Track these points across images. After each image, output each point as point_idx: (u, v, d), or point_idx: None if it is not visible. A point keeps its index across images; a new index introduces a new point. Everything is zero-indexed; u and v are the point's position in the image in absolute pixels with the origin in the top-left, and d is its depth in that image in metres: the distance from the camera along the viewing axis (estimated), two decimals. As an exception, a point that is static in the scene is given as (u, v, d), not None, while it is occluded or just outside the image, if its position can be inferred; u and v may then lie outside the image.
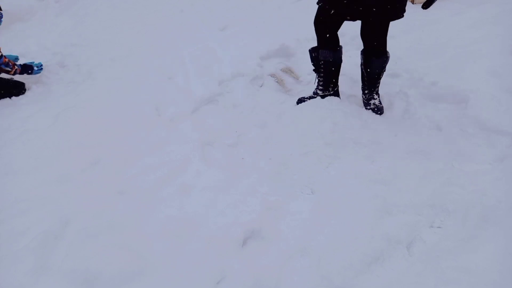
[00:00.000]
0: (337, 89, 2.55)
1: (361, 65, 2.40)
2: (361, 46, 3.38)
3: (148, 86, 2.96)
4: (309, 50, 2.49)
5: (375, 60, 2.28)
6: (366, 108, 2.46)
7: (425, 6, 2.10)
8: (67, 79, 3.26)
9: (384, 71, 2.37)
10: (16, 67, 2.97)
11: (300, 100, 2.57)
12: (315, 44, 2.47)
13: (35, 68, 3.08)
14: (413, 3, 4.30)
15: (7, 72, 2.96)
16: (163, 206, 1.79)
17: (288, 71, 3.17)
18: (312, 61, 2.51)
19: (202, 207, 1.78)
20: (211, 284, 1.44)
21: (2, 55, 2.88)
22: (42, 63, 3.20)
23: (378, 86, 2.43)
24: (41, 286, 1.44)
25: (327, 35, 2.29)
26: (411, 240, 1.56)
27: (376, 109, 2.41)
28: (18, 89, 2.95)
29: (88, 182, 1.97)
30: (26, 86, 3.03)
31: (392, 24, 2.22)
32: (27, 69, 3.03)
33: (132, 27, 4.41)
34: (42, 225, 1.68)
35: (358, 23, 2.28)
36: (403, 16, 2.13)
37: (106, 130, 2.41)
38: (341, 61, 2.44)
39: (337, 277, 1.44)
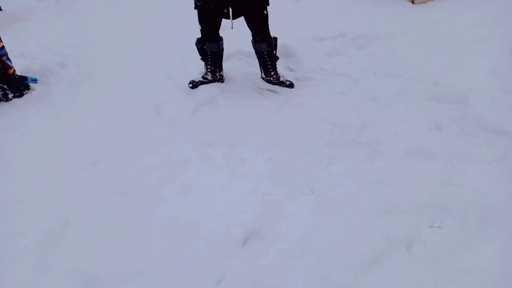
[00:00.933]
0: (222, 74, 2.96)
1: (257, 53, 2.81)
2: (362, 46, 3.37)
3: (148, 86, 2.96)
4: (195, 43, 2.80)
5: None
6: (281, 86, 2.87)
7: None
8: (67, 79, 3.27)
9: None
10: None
11: (192, 83, 2.88)
12: (315, 43, 2.49)
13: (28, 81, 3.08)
14: (413, 3, 4.30)
15: (8, 69, 2.94)
16: (163, 206, 1.79)
17: (289, 70, 3.17)
18: (199, 52, 2.85)
19: (202, 207, 1.78)
20: (211, 284, 1.44)
21: (3, 46, 2.89)
22: (37, 78, 3.16)
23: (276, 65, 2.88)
24: (41, 286, 1.44)
25: (213, 32, 2.70)
26: (411, 240, 1.56)
27: (287, 84, 2.85)
28: (24, 88, 2.95)
29: (88, 182, 1.97)
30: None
31: (392, 24, 2.22)
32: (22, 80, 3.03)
33: (132, 27, 4.41)
34: (42, 225, 1.68)
35: (360, 25, 2.26)
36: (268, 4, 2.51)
37: (106, 130, 2.41)
38: (223, 50, 2.85)
39: (337, 277, 1.43)
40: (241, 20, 2.63)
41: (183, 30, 4.22)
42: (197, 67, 3.21)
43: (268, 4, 2.54)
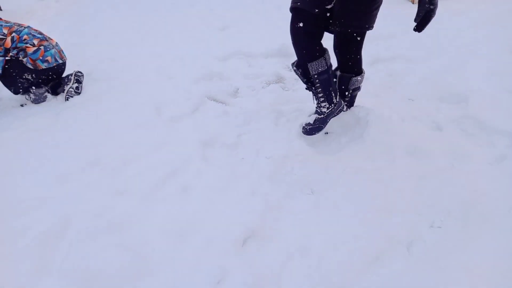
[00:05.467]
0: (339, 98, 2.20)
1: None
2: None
3: (148, 86, 2.96)
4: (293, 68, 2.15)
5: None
6: None
7: (419, 29, 1.67)
8: (67, 79, 3.26)
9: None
10: None
11: (307, 130, 2.21)
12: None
13: None
14: (413, 3, 4.31)
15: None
16: (163, 206, 1.79)
17: (289, 70, 3.17)
18: (303, 78, 2.15)
19: (202, 207, 1.78)
20: (211, 284, 1.44)
21: (38, 49, 2.72)
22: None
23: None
24: (41, 286, 1.44)
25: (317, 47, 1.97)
26: (411, 240, 1.56)
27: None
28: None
29: (88, 182, 1.97)
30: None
31: (393, 24, 2.21)
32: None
33: (132, 27, 4.41)
34: (42, 225, 1.69)
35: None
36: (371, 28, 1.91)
37: (106, 130, 2.41)
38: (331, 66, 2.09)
39: (337, 277, 1.43)
40: (239, 19, 2.62)
41: (183, 30, 4.23)
42: (197, 67, 3.21)
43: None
